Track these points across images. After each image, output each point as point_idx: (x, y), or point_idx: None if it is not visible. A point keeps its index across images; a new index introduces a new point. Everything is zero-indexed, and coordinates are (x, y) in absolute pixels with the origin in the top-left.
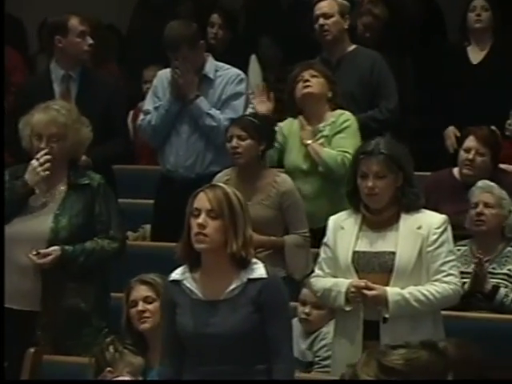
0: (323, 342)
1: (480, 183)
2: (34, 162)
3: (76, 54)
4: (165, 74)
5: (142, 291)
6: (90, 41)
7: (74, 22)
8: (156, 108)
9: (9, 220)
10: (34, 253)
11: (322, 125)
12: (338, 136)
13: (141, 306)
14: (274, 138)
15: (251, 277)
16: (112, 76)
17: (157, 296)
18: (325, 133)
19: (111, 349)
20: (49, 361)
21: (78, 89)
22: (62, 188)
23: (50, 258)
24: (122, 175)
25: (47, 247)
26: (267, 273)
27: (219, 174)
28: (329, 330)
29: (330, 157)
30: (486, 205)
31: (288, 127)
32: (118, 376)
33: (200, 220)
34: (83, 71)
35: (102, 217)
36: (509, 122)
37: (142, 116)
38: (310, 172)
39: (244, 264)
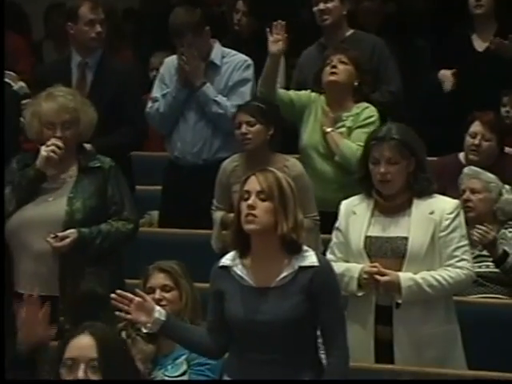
0: None
1: (466, 169)
2: (45, 149)
3: (83, 41)
4: (171, 61)
5: (160, 279)
6: (99, 29)
7: (84, 9)
8: (164, 95)
9: (21, 206)
10: (52, 236)
11: (345, 114)
12: (360, 130)
13: (158, 294)
14: (281, 123)
15: (303, 264)
16: (127, 63)
17: (174, 284)
18: (347, 123)
19: (123, 334)
20: None
21: (93, 76)
22: (73, 172)
23: (67, 240)
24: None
25: (63, 231)
26: (319, 260)
27: (227, 161)
28: None
29: (348, 148)
30: (473, 191)
31: (314, 100)
32: None
33: (250, 201)
34: (101, 58)
35: (115, 198)
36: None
37: (150, 103)
38: (325, 154)
39: (295, 249)
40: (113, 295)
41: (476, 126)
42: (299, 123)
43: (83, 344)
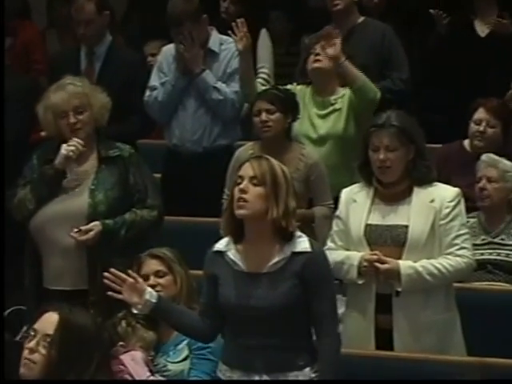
0: None
1: (484, 157)
2: (66, 148)
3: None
4: (169, 49)
5: (152, 265)
6: (81, 30)
7: None
8: (162, 84)
9: (42, 204)
10: (76, 230)
11: (333, 97)
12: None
13: (152, 280)
14: (298, 110)
15: (295, 250)
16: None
17: (168, 270)
18: (337, 106)
19: (123, 323)
20: None
21: (101, 66)
22: (93, 163)
23: (91, 233)
24: None
25: (87, 224)
26: (312, 246)
27: (241, 149)
28: None
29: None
30: (489, 179)
31: (299, 91)
32: (129, 350)
33: (242, 186)
34: (108, 48)
35: (138, 186)
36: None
37: (148, 92)
38: (318, 141)
39: (287, 236)
40: (105, 274)
41: (480, 113)
42: None
43: (47, 319)
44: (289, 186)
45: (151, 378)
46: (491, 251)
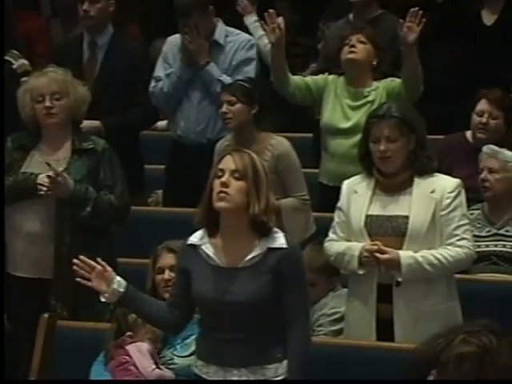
0: (322, 312)
1: (485, 148)
2: (46, 180)
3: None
4: (175, 40)
5: (168, 259)
6: (85, 6)
7: None
8: (167, 75)
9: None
10: (50, 173)
11: (366, 90)
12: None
13: (167, 274)
14: (268, 101)
15: (272, 246)
16: (135, 41)
17: None
18: (370, 98)
19: (129, 317)
20: (62, 326)
21: (103, 56)
22: (67, 153)
23: (60, 178)
24: None
25: (56, 211)
26: (288, 243)
27: (220, 141)
28: (327, 301)
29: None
30: (490, 170)
31: (332, 81)
32: (137, 341)
33: (223, 179)
34: (111, 38)
35: (107, 181)
36: None
37: (153, 83)
38: (349, 132)
39: (265, 231)
40: (75, 260)
41: (483, 104)
42: (320, 106)
43: None
44: (269, 181)
45: (156, 371)
46: (496, 243)
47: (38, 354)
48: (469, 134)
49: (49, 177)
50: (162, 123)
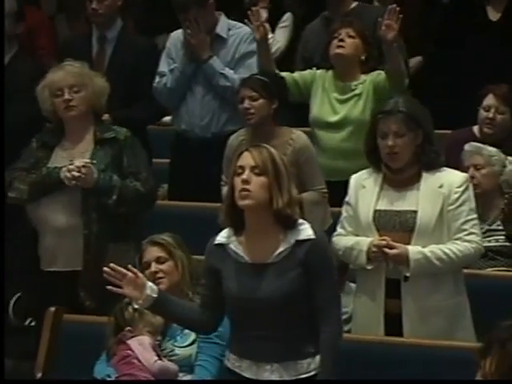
0: None
1: (467, 146)
2: (71, 167)
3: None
4: (177, 35)
5: (153, 252)
6: (93, 5)
7: None
8: (171, 70)
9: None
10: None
11: (354, 83)
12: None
13: (153, 267)
14: (287, 95)
15: (299, 238)
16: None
17: (169, 255)
18: (357, 91)
19: (130, 308)
20: (68, 320)
21: (112, 50)
22: (89, 144)
23: (84, 170)
24: None
25: (82, 203)
26: (315, 233)
27: (233, 136)
28: None
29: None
30: (476, 167)
31: (320, 75)
32: (137, 335)
33: (244, 176)
34: (120, 33)
35: (131, 168)
36: None
37: (157, 78)
38: (337, 125)
39: (290, 224)
40: (105, 269)
41: (490, 100)
42: (308, 100)
43: None
44: (289, 173)
45: (158, 362)
46: (490, 238)
47: (44, 347)
48: (476, 128)
49: (71, 169)
50: (167, 118)
